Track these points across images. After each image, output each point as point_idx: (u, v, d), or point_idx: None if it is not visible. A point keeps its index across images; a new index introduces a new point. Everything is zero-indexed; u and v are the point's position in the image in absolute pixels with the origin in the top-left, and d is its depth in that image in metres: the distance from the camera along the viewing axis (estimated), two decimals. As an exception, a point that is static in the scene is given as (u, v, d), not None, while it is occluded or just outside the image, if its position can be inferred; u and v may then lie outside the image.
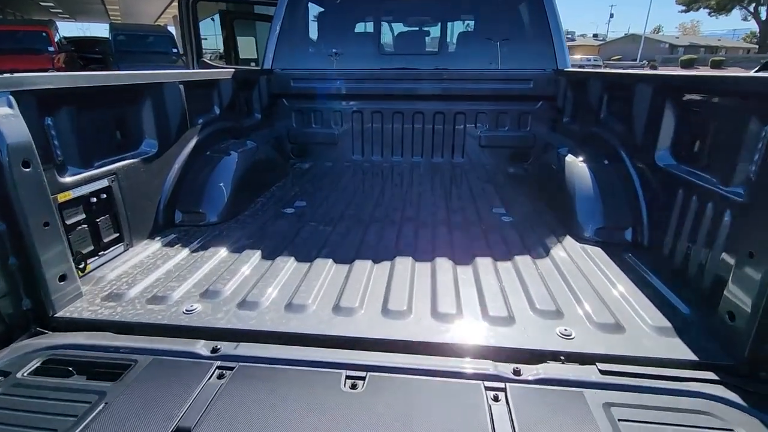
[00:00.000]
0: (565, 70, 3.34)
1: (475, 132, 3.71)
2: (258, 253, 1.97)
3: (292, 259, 1.92)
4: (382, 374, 1.22)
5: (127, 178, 2.00)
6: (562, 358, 1.30)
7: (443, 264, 1.88)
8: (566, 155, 2.59)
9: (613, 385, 1.18)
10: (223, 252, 2.00)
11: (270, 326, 1.45)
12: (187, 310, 1.53)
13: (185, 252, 2.01)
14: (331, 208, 2.64)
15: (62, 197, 1.63)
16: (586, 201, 2.27)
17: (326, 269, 1.83)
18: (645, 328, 1.43)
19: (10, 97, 1.42)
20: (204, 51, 4.62)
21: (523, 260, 1.92)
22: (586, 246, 2.08)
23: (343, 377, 1.20)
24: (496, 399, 1.13)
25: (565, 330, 1.41)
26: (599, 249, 2.04)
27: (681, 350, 1.32)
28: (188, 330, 1.45)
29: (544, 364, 1.27)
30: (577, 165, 2.45)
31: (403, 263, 1.88)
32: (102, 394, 1.14)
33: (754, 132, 1.39)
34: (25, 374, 1.23)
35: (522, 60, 3.57)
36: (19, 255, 1.41)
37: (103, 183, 1.86)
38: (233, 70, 3.21)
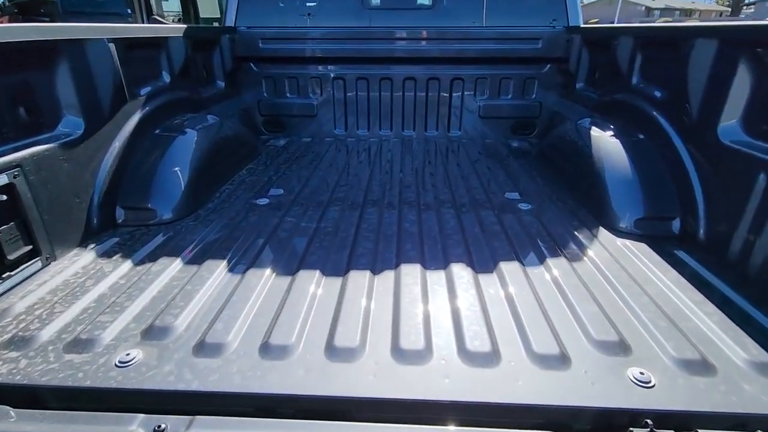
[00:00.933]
0: (580, 26, 2.90)
1: (474, 101, 3.26)
2: (223, 266, 1.53)
3: (268, 271, 1.49)
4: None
5: (40, 170, 1.50)
6: (649, 422, 0.94)
7: (461, 273, 1.48)
8: (590, 128, 2.20)
9: None
10: (176, 265, 1.54)
11: (239, 384, 1.03)
12: (120, 362, 1.09)
13: (127, 265, 1.55)
14: (313, 196, 2.19)
15: (-71, 205, 1.14)
16: (622, 185, 1.90)
17: (313, 285, 1.41)
18: (740, 365, 1.09)
19: None
20: (165, 14, 3.94)
21: (559, 264, 1.54)
22: (626, 241, 1.72)
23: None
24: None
25: (642, 374, 1.05)
26: (643, 245, 1.68)
27: (799, 399, 0.99)
28: (120, 396, 1.02)
29: (627, 436, 0.91)
30: (606, 140, 2.07)
31: (411, 274, 1.48)
32: None
33: None
34: None
35: (528, 16, 3.10)
36: None
37: (2, 179, 1.36)
38: (185, 26, 2.62)
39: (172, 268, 1.52)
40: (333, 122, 3.37)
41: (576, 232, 1.79)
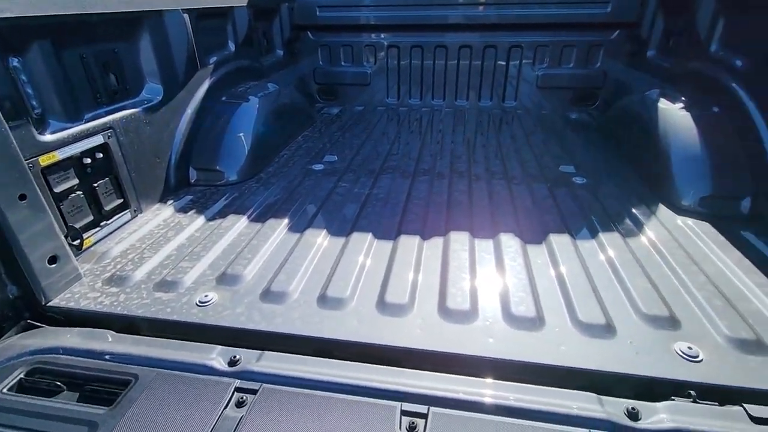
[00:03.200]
0: (657, -13, 2.67)
1: (532, 70, 3.13)
2: (284, 224, 1.66)
3: (324, 232, 1.60)
4: (447, 411, 0.92)
5: (128, 132, 1.67)
6: (692, 393, 0.96)
7: (509, 243, 1.51)
8: (658, 100, 2.08)
9: None
10: (243, 222, 1.69)
11: (300, 328, 1.16)
12: (200, 302, 1.25)
13: (200, 220, 1.72)
14: (366, 164, 2.27)
15: (45, 160, 1.33)
16: (688, 160, 1.80)
17: (365, 246, 1.50)
18: (799, 348, 1.06)
19: None
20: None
21: (612, 240, 1.53)
22: (687, 220, 1.66)
23: (398, 415, 0.91)
24: (610, 460, 0.82)
25: (689, 348, 1.05)
26: (708, 225, 1.61)
27: None
28: (202, 330, 1.18)
29: (670, 402, 0.93)
30: (674, 113, 1.95)
31: (459, 240, 1.53)
32: (93, 426, 0.90)
33: None
34: (5, 390, 1.00)
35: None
36: None
37: (98, 140, 1.54)
38: (249, -4, 2.71)
39: (240, 224, 1.67)
40: (386, 91, 3.39)
41: (633, 209, 1.74)
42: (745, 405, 0.91)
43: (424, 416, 0.90)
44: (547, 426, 0.88)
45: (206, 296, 1.27)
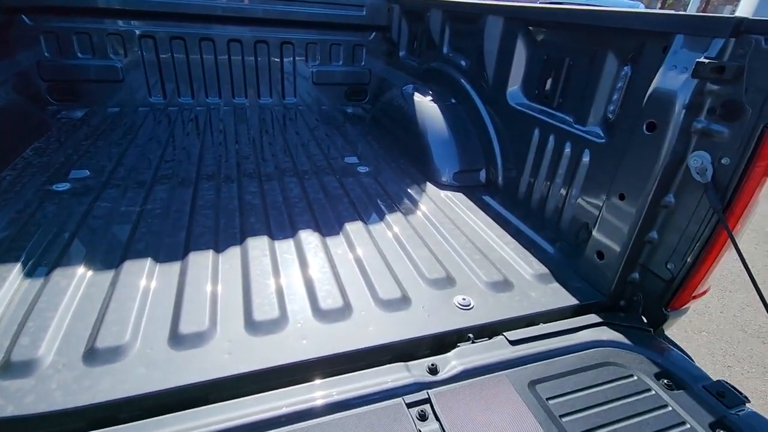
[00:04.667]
0: (398, -4, 3.09)
1: (307, 67, 3.22)
2: (17, 270, 1.23)
3: (82, 269, 1.27)
4: (278, 430, 0.85)
5: None
6: (471, 336, 1.17)
7: (309, 239, 1.52)
8: (413, 93, 2.43)
9: (526, 357, 1.10)
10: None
11: (63, 401, 0.88)
12: None
13: None
14: (133, 175, 1.91)
15: None
16: (442, 144, 2.18)
17: (144, 275, 1.26)
18: (528, 279, 1.42)
19: None
20: None
21: (396, 219, 1.71)
22: (448, 192, 2.00)
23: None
24: (422, 417, 0.92)
25: (464, 300, 1.28)
26: (461, 194, 1.99)
27: (563, 296, 1.34)
28: None
29: (457, 349, 1.10)
30: (426, 104, 2.31)
31: (258, 246, 1.45)
32: None
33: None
34: None
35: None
36: None
37: None
38: None
39: (-67, 283, 1.16)
40: (147, 89, 2.91)
41: (408, 189, 2.00)
42: (505, 333, 1.16)
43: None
44: (373, 407, 0.92)
45: None
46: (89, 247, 1.37)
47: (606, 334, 1.20)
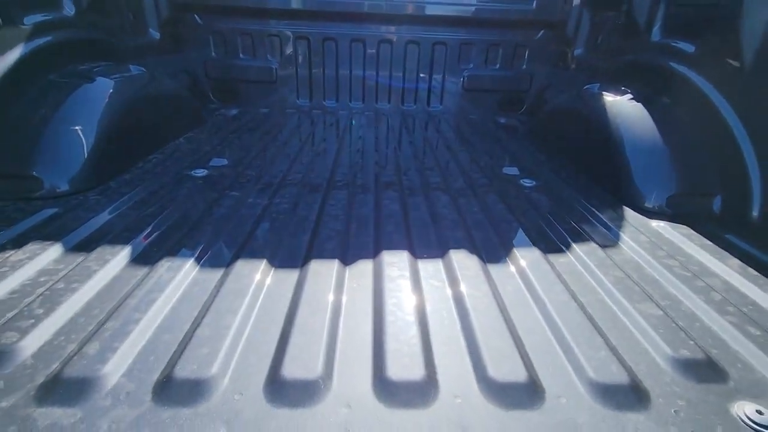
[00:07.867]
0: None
1: (459, 70, 2.86)
2: (124, 254, 1.06)
3: (189, 263, 1.03)
4: None
5: None
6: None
7: (466, 264, 1.08)
8: (600, 93, 1.85)
9: None
10: (52, 252, 1.05)
11: None
12: None
13: None
14: (266, 170, 1.73)
15: None
16: (648, 156, 1.56)
17: (255, 281, 0.97)
18: None
19: None
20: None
21: (590, 250, 1.17)
22: (660, 222, 1.38)
23: None
24: None
25: (759, 413, 0.69)
26: (685, 227, 1.35)
27: None
28: None
29: None
30: (623, 106, 1.72)
31: (396, 263, 1.06)
32: None
33: None
34: None
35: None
36: None
37: None
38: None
39: (45, 257, 1.03)
40: (296, 91, 2.88)
41: (597, 212, 1.44)
42: None
43: None
44: None
45: None
46: (205, 238, 1.15)
47: None
